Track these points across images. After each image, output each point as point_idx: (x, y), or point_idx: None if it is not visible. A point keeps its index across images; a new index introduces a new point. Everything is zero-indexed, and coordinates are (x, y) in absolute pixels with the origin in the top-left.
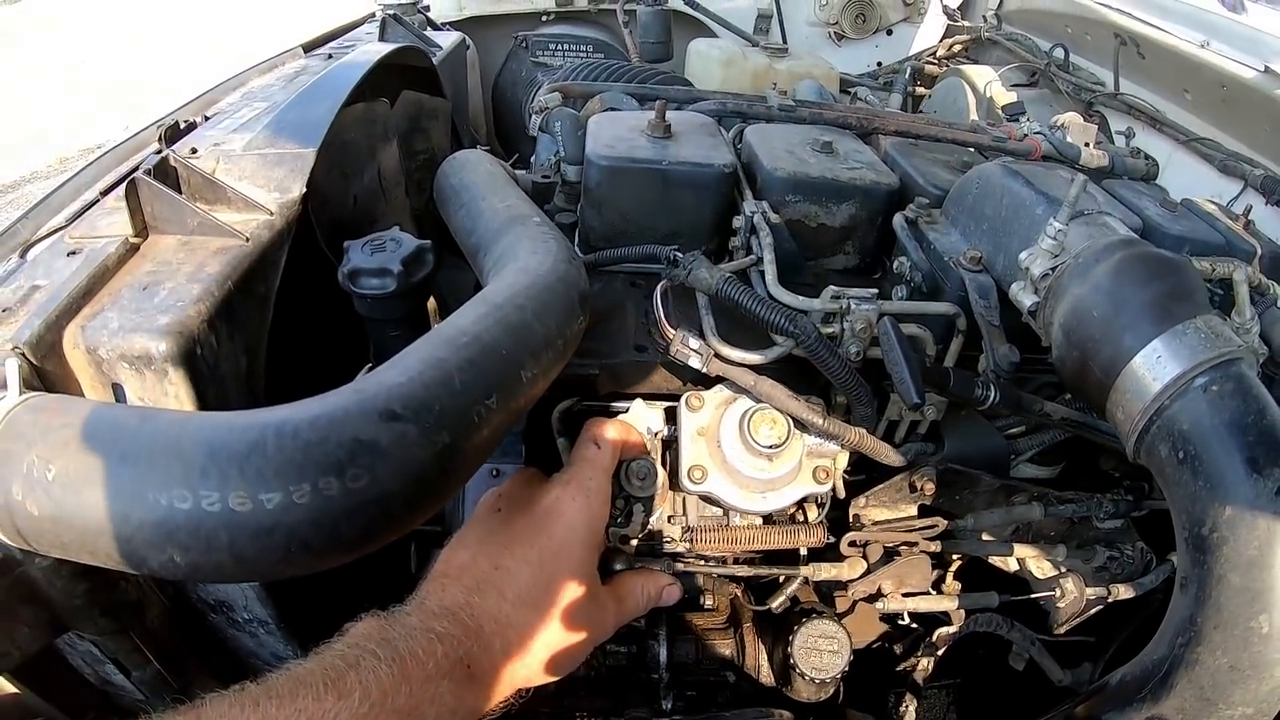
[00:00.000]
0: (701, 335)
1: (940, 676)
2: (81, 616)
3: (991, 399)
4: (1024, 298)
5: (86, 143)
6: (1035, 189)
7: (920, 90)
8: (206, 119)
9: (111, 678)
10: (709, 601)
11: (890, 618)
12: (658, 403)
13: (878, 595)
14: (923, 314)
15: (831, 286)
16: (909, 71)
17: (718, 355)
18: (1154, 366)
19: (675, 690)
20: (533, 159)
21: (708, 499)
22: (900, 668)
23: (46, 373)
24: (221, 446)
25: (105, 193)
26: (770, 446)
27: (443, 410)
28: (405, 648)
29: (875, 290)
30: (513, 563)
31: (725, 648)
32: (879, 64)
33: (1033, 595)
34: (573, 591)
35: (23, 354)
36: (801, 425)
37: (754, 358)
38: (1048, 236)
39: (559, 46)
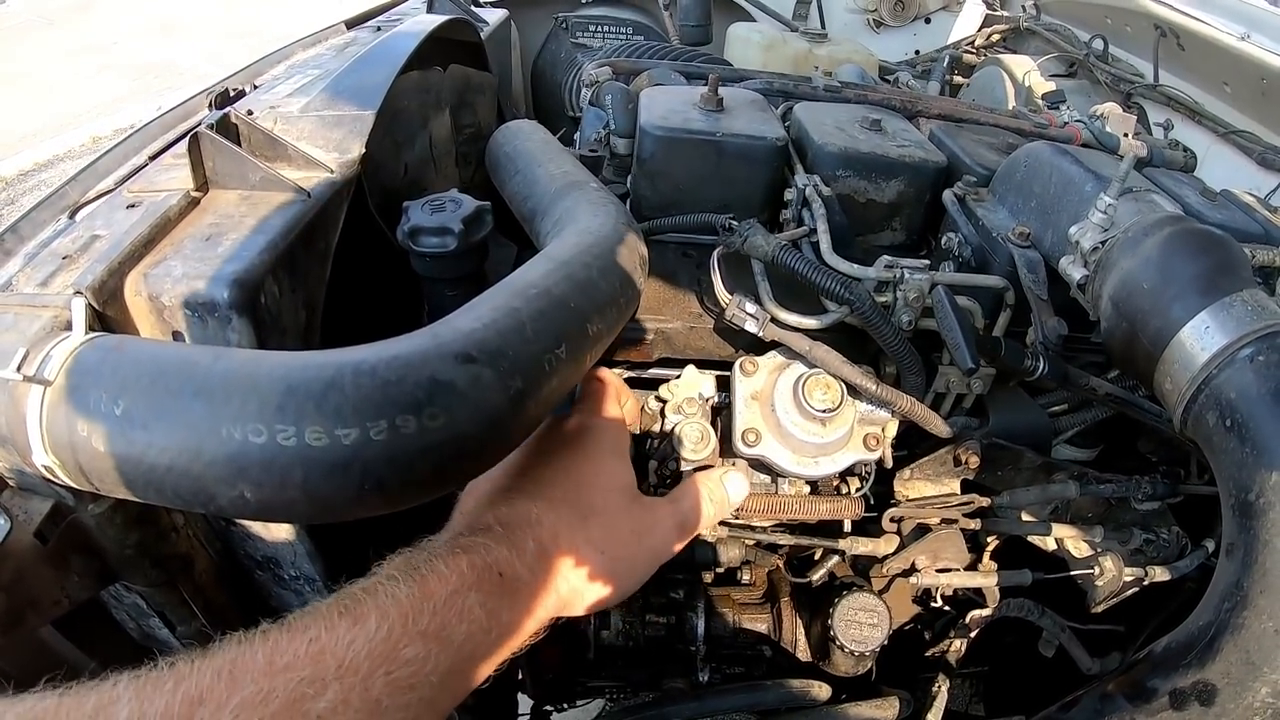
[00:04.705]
0: (757, 300)
1: (968, 663)
2: (132, 567)
3: (1040, 369)
4: (1073, 271)
5: (119, 124)
6: (1084, 167)
7: (958, 79)
8: (255, 87)
9: (155, 632)
10: (746, 576)
11: (923, 600)
12: (709, 370)
13: (912, 570)
14: (972, 286)
15: (885, 256)
16: (947, 60)
17: (774, 320)
18: (1202, 337)
19: (712, 663)
20: (577, 136)
21: (759, 465)
22: (930, 652)
23: (108, 319)
24: (299, 382)
25: (154, 158)
26: (824, 411)
27: (516, 356)
28: (428, 566)
29: (927, 261)
30: (540, 472)
31: (762, 622)
32: (916, 52)
33: (1071, 573)
34: (612, 492)
35: (86, 300)
36: (854, 392)
37: (810, 322)
38: (1098, 211)
39: (599, 28)
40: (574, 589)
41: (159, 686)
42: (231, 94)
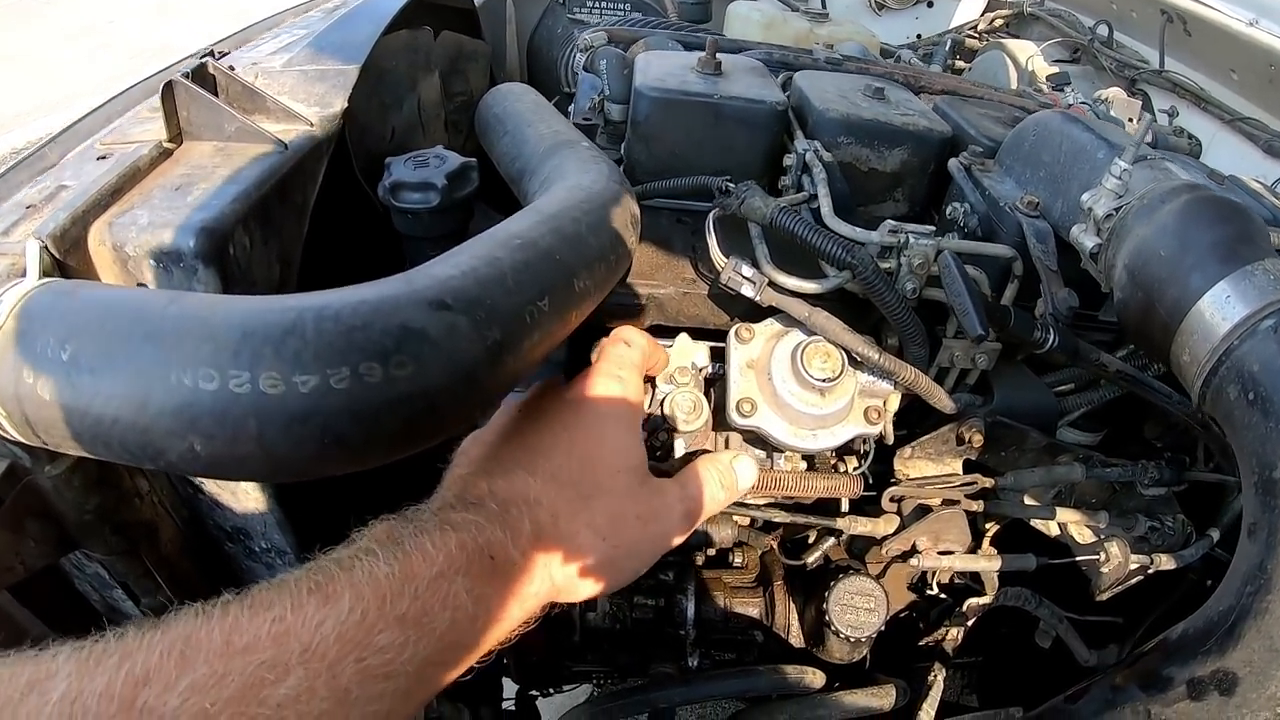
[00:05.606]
0: (754, 264)
1: (962, 654)
2: (91, 533)
3: (1050, 341)
4: (1085, 240)
5: None
6: (1096, 134)
7: (960, 64)
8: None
9: (119, 604)
10: (738, 559)
11: (918, 587)
12: (703, 341)
13: (912, 552)
14: (979, 255)
15: (889, 221)
16: (949, 44)
17: (772, 284)
18: (1222, 306)
19: (702, 648)
20: (571, 109)
21: (754, 437)
22: (924, 641)
23: (69, 268)
24: (256, 326)
25: None
26: (824, 380)
27: (495, 306)
28: (413, 544)
29: (933, 228)
30: (541, 442)
31: (754, 607)
32: (918, 36)
33: (1076, 559)
34: (618, 472)
35: (45, 247)
36: (855, 362)
37: (810, 286)
38: (1112, 176)
39: (596, 4)
40: (570, 577)
41: (101, 661)
42: (217, 55)
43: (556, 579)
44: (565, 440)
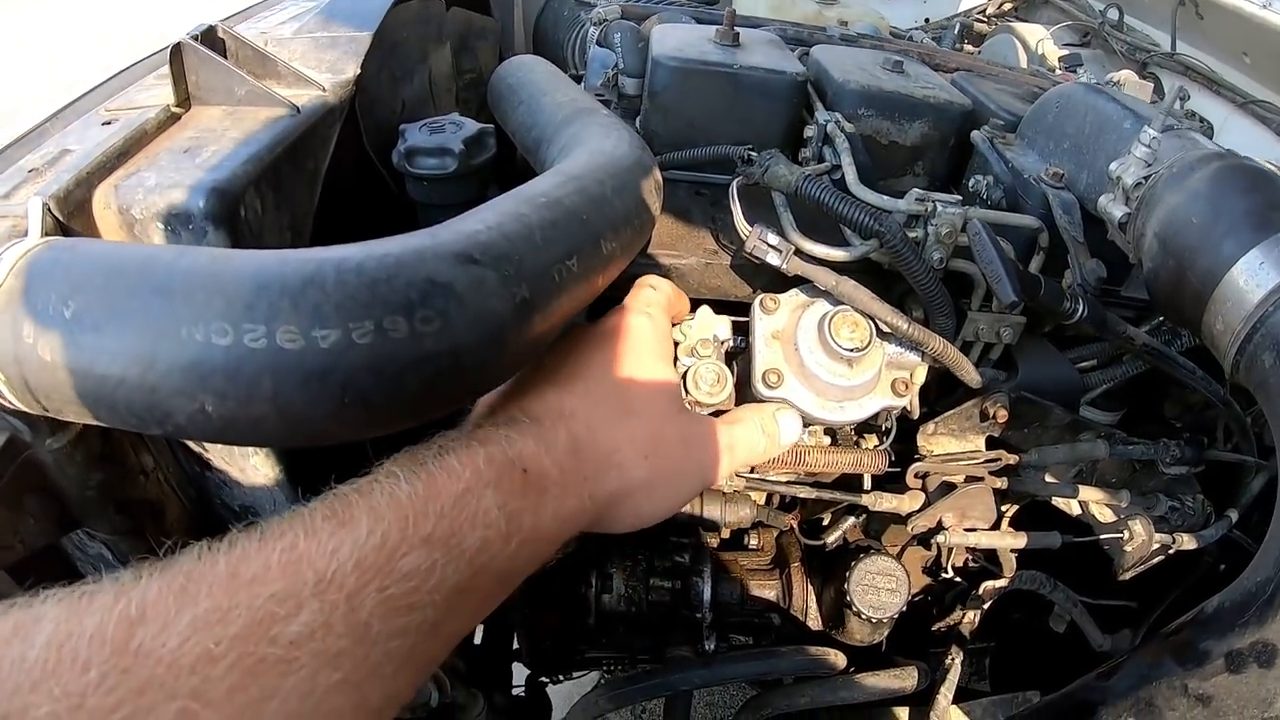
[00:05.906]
0: (780, 232)
1: (975, 639)
2: (94, 511)
3: (1080, 312)
4: (1113, 209)
5: None
6: (1122, 105)
7: (969, 48)
8: None
9: None
10: (754, 541)
11: (933, 570)
12: (724, 313)
13: (938, 529)
14: (1005, 225)
15: (916, 190)
16: (957, 28)
17: (798, 252)
18: (1256, 273)
19: (718, 631)
20: (582, 86)
21: None
22: (939, 625)
23: (73, 232)
24: (272, 278)
25: None
26: (852, 350)
27: (523, 262)
28: (436, 462)
29: (960, 197)
30: (574, 365)
31: (771, 589)
32: (926, 20)
33: (1099, 537)
34: (658, 396)
35: (48, 208)
36: (882, 333)
37: (838, 254)
38: (1142, 145)
39: None
40: (610, 499)
41: (93, 601)
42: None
43: (597, 497)
44: (600, 363)
